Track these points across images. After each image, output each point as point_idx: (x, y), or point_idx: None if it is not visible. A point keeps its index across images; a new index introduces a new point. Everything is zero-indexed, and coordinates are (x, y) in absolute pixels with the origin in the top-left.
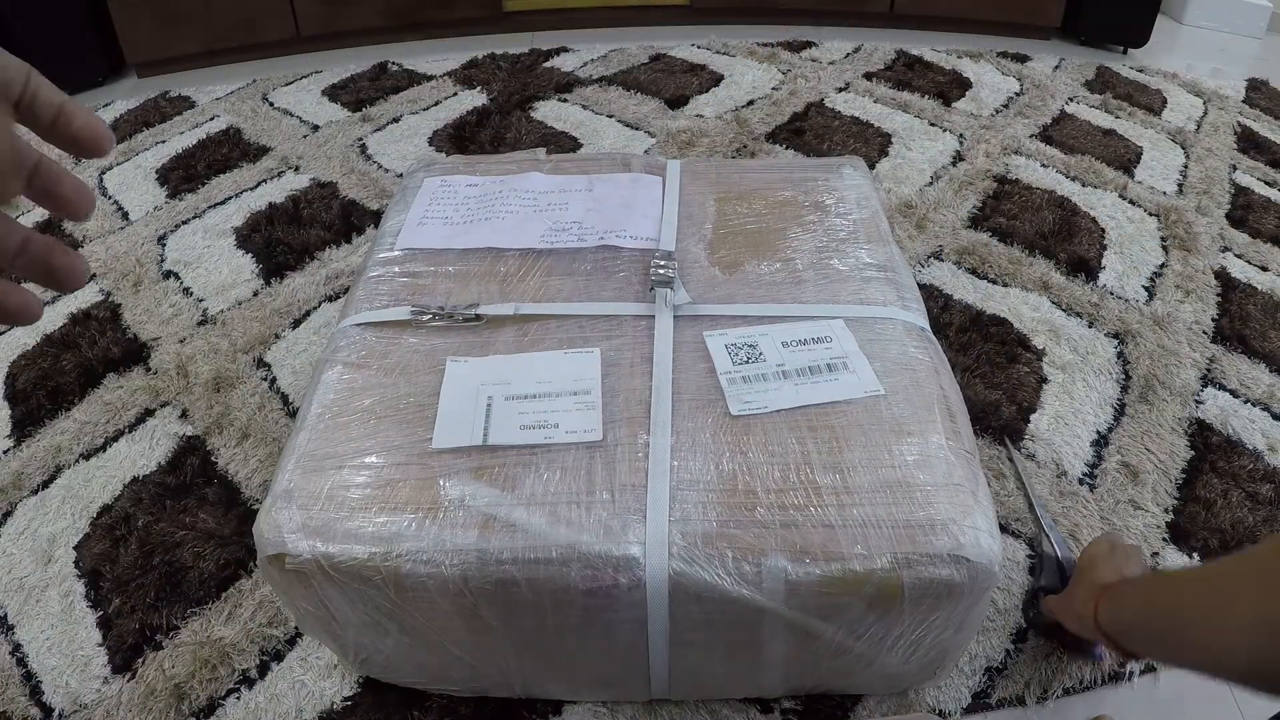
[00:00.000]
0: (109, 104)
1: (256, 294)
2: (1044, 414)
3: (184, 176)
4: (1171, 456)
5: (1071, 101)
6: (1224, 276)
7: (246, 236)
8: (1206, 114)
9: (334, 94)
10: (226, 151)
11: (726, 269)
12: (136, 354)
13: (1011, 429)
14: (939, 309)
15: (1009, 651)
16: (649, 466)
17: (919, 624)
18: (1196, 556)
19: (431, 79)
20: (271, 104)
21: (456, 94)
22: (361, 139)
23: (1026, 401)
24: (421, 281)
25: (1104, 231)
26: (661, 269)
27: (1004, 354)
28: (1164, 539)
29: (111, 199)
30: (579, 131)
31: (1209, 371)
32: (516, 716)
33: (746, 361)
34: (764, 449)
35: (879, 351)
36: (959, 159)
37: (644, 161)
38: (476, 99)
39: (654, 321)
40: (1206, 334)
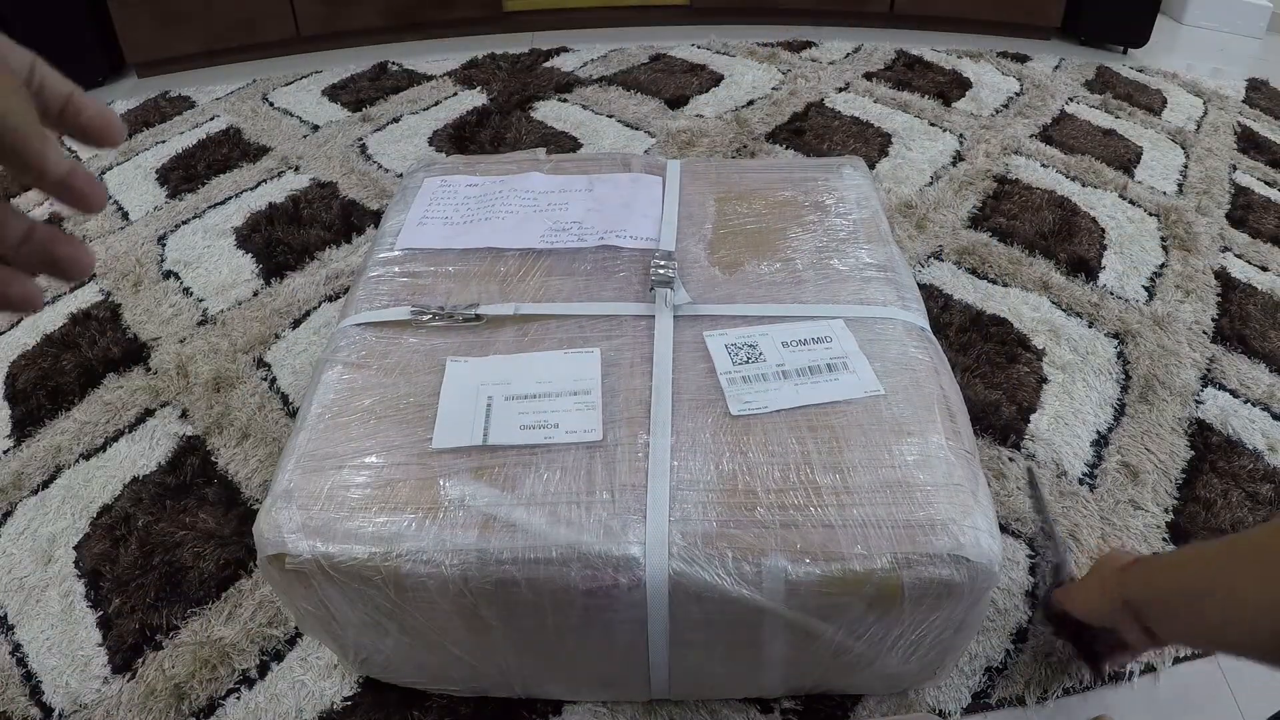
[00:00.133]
0: (109, 104)
1: (256, 294)
2: (1044, 414)
3: (184, 176)
4: (1171, 456)
5: (1071, 101)
6: (1224, 276)
7: (246, 236)
8: (1206, 114)
9: (334, 94)
10: (226, 151)
11: (726, 269)
12: (136, 354)
13: (1011, 429)
14: (939, 309)
15: (1009, 651)
16: (649, 466)
17: (919, 624)
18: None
19: (431, 79)
20: (271, 104)
21: (456, 94)
22: (361, 139)
23: (1026, 401)
24: (421, 281)
25: (1104, 231)
26: (661, 269)
27: (1004, 354)
28: (1164, 539)
29: (111, 199)
30: (579, 131)
31: (1209, 371)
32: (516, 716)
33: (746, 361)
34: (764, 449)
35: (879, 351)
36: (959, 159)
37: (644, 161)
38: (476, 99)
39: (654, 321)
40: (1206, 334)
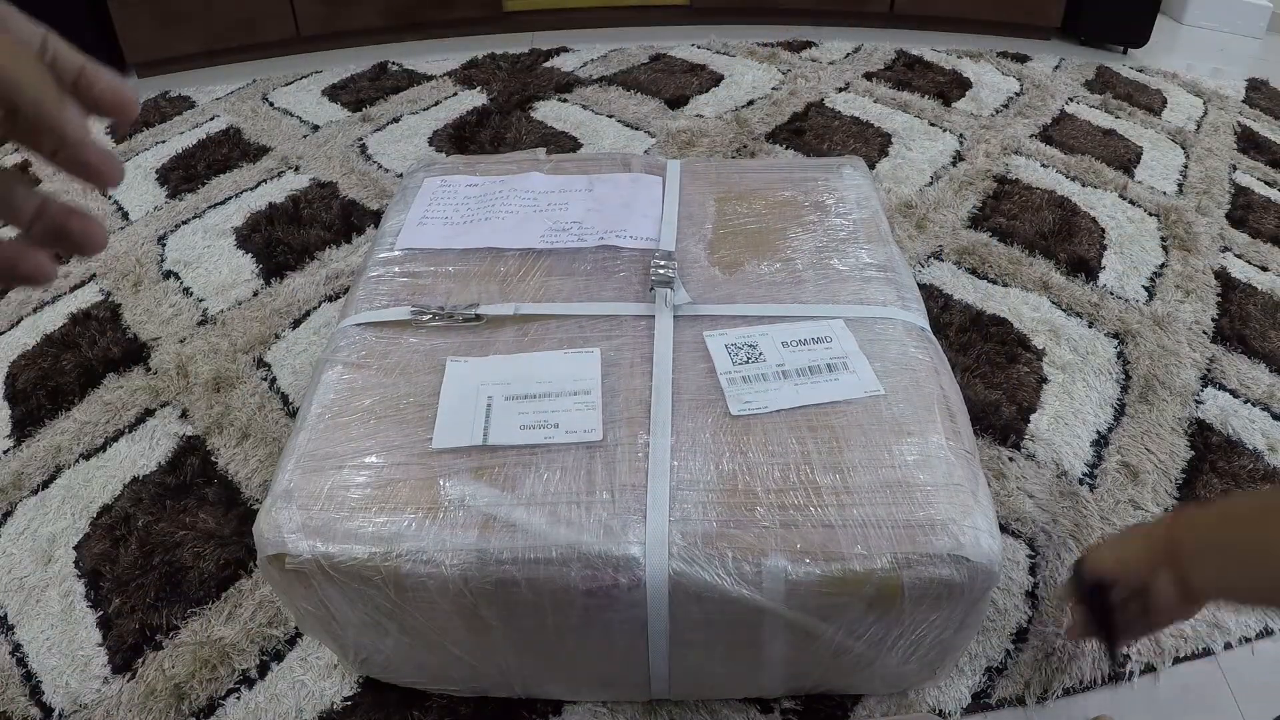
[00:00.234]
0: None
1: (256, 294)
2: (1044, 414)
3: (184, 176)
4: (1171, 456)
5: (1071, 101)
6: (1224, 276)
7: (246, 236)
8: (1206, 114)
9: (334, 94)
10: (226, 151)
11: (726, 269)
12: (136, 354)
13: (1011, 429)
14: (939, 309)
15: (1009, 651)
16: (649, 466)
17: (919, 624)
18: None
19: (431, 79)
20: (271, 104)
21: (456, 94)
22: (361, 139)
23: (1026, 401)
24: (421, 281)
25: (1104, 231)
26: (661, 269)
27: (1004, 354)
28: None
29: (111, 199)
30: (579, 131)
31: (1209, 371)
32: (516, 716)
33: (746, 361)
34: (764, 449)
35: (879, 351)
36: (959, 159)
37: (644, 161)
38: (476, 99)
39: (654, 321)
40: (1206, 334)
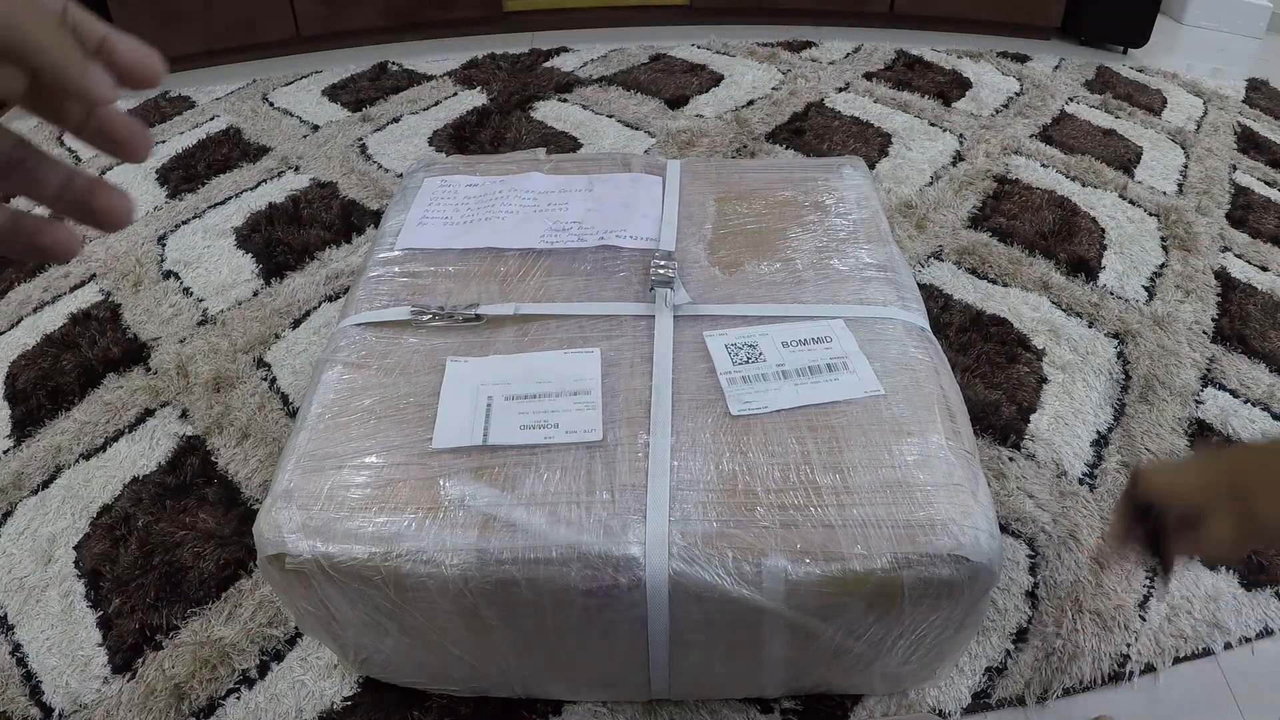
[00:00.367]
0: None
1: (256, 294)
2: (1044, 414)
3: (184, 176)
4: (1172, 457)
5: (1071, 101)
6: (1224, 276)
7: (246, 236)
8: (1206, 114)
9: (334, 94)
10: (226, 151)
11: (726, 269)
12: (136, 354)
13: (1011, 429)
14: (939, 309)
15: (1009, 651)
16: (649, 466)
17: (919, 624)
18: (1196, 557)
19: (431, 79)
20: (271, 104)
21: (456, 94)
22: (361, 139)
23: (1026, 401)
24: (421, 281)
25: (1104, 231)
26: (661, 269)
27: (1004, 354)
28: None
29: None
30: (579, 131)
31: (1209, 371)
32: (516, 716)
33: (746, 361)
34: (764, 449)
35: (879, 351)
36: (959, 159)
37: (644, 161)
38: (476, 99)
39: (654, 321)
40: (1206, 334)
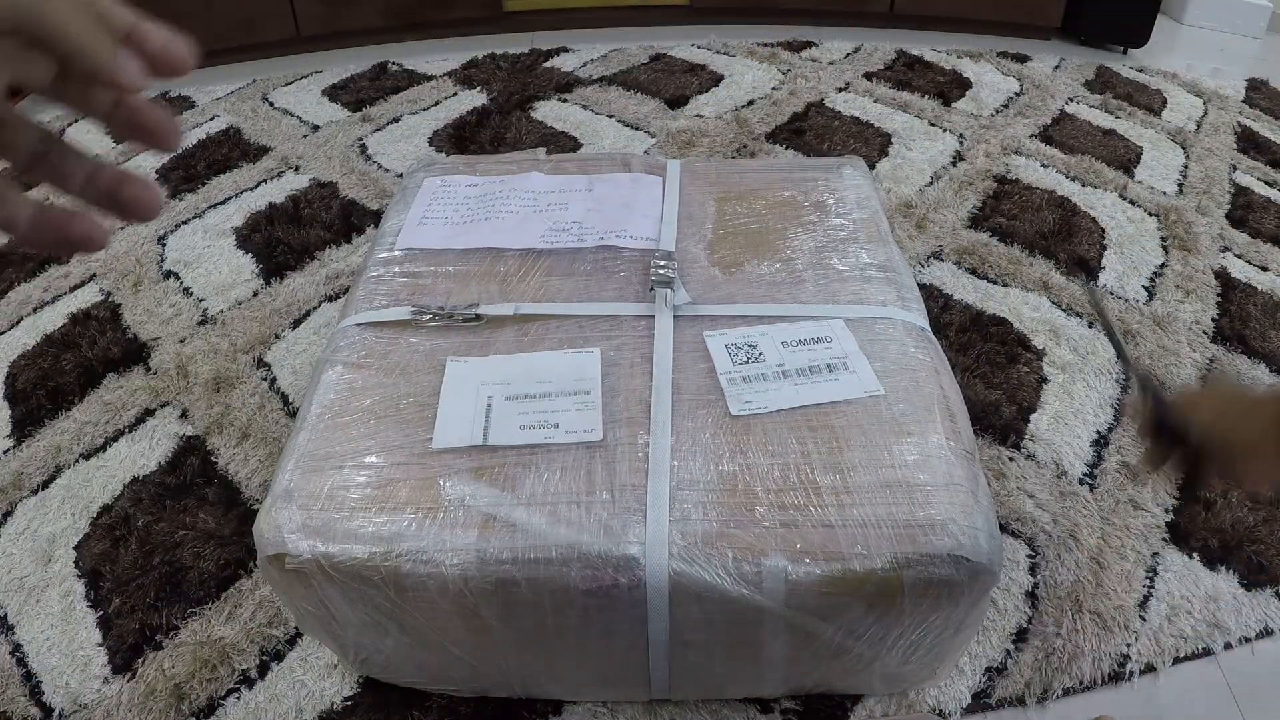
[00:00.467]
0: None
1: (256, 294)
2: (1044, 414)
3: (184, 176)
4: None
5: (1071, 101)
6: (1224, 276)
7: (246, 236)
8: (1206, 114)
9: (334, 94)
10: (226, 151)
11: (726, 269)
12: (136, 354)
13: (1011, 429)
14: (939, 309)
15: (1009, 651)
16: (649, 466)
17: (919, 624)
18: (1196, 557)
19: (431, 79)
20: (271, 104)
21: (456, 94)
22: (361, 139)
23: (1026, 401)
24: (421, 281)
25: (1104, 231)
26: (661, 269)
27: (1004, 354)
28: (1164, 539)
29: None
30: (579, 131)
31: (1209, 371)
32: (516, 716)
33: (746, 361)
34: (764, 449)
35: (879, 351)
36: (959, 159)
37: (644, 161)
38: (476, 99)
39: (654, 321)
40: (1206, 334)
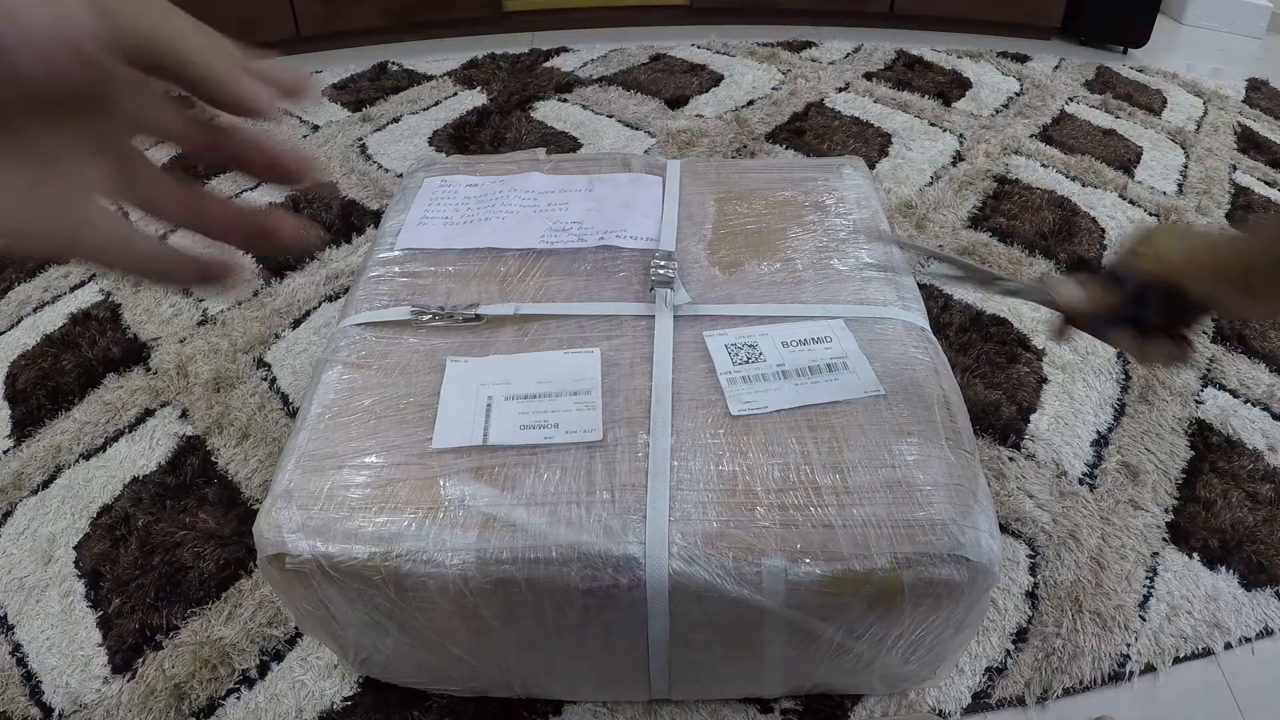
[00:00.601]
0: None
1: (256, 294)
2: (1044, 414)
3: (184, 176)
4: (1171, 456)
5: (1071, 101)
6: None
7: None
8: (1206, 114)
9: (334, 94)
10: None
11: (726, 269)
12: (136, 354)
13: (1011, 429)
14: (939, 309)
15: (1009, 651)
16: (649, 466)
17: (919, 624)
18: (1197, 557)
19: (431, 79)
20: None
21: (456, 94)
22: (361, 139)
23: (1026, 401)
24: (421, 281)
25: (1104, 231)
26: (661, 269)
27: (1004, 354)
28: (1164, 539)
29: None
30: (579, 131)
31: (1209, 371)
32: (516, 716)
33: (746, 361)
34: (764, 449)
35: (879, 351)
36: (959, 159)
37: (644, 161)
38: (476, 99)
39: (654, 321)
40: (1206, 334)
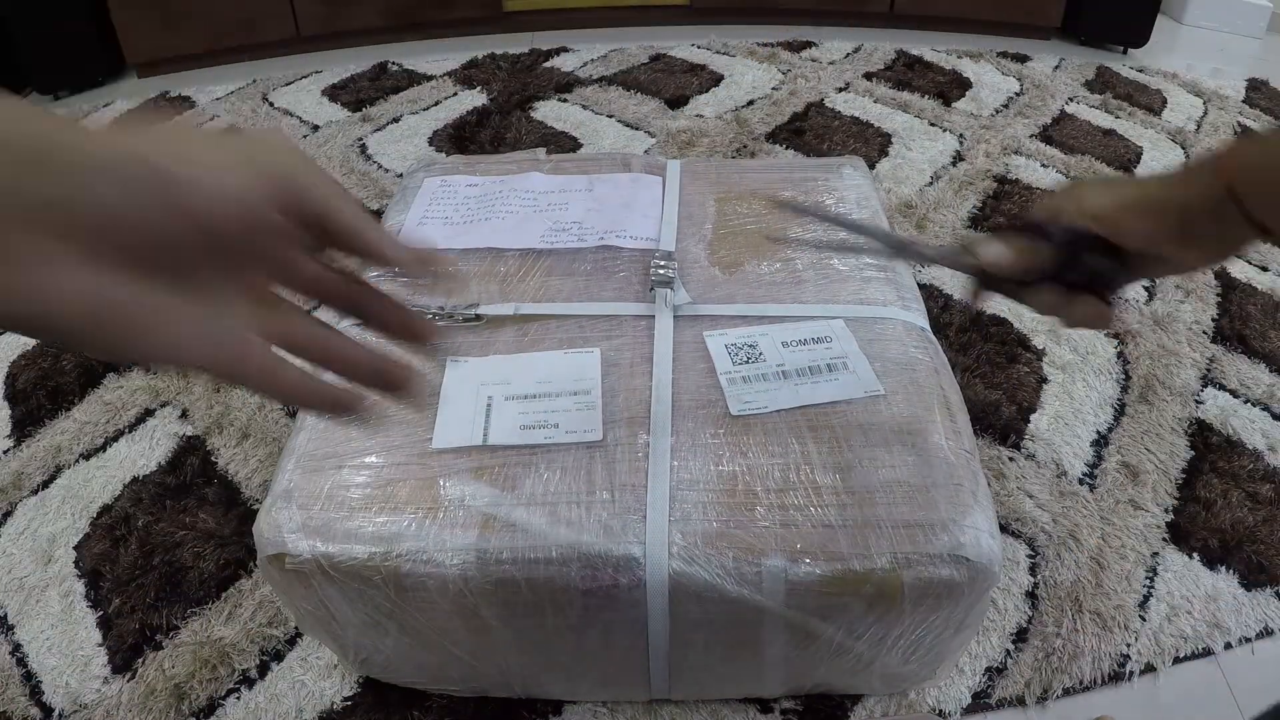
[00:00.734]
0: (109, 104)
1: None
2: (1044, 414)
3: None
4: (1171, 456)
5: (1071, 101)
6: (1224, 276)
7: None
8: (1206, 114)
9: (334, 94)
10: None
11: (726, 269)
12: None
13: (1011, 429)
14: (939, 309)
15: (1009, 651)
16: (649, 466)
17: (919, 624)
18: (1197, 557)
19: (431, 79)
20: (271, 104)
21: (456, 94)
22: (361, 139)
23: (1026, 401)
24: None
25: None
26: (661, 269)
27: (1004, 354)
28: (1164, 539)
29: None
30: (579, 131)
31: (1209, 371)
32: (516, 716)
33: (746, 361)
34: (764, 449)
35: (879, 351)
36: (959, 159)
37: (644, 161)
38: (476, 99)
39: (654, 321)
40: (1206, 334)
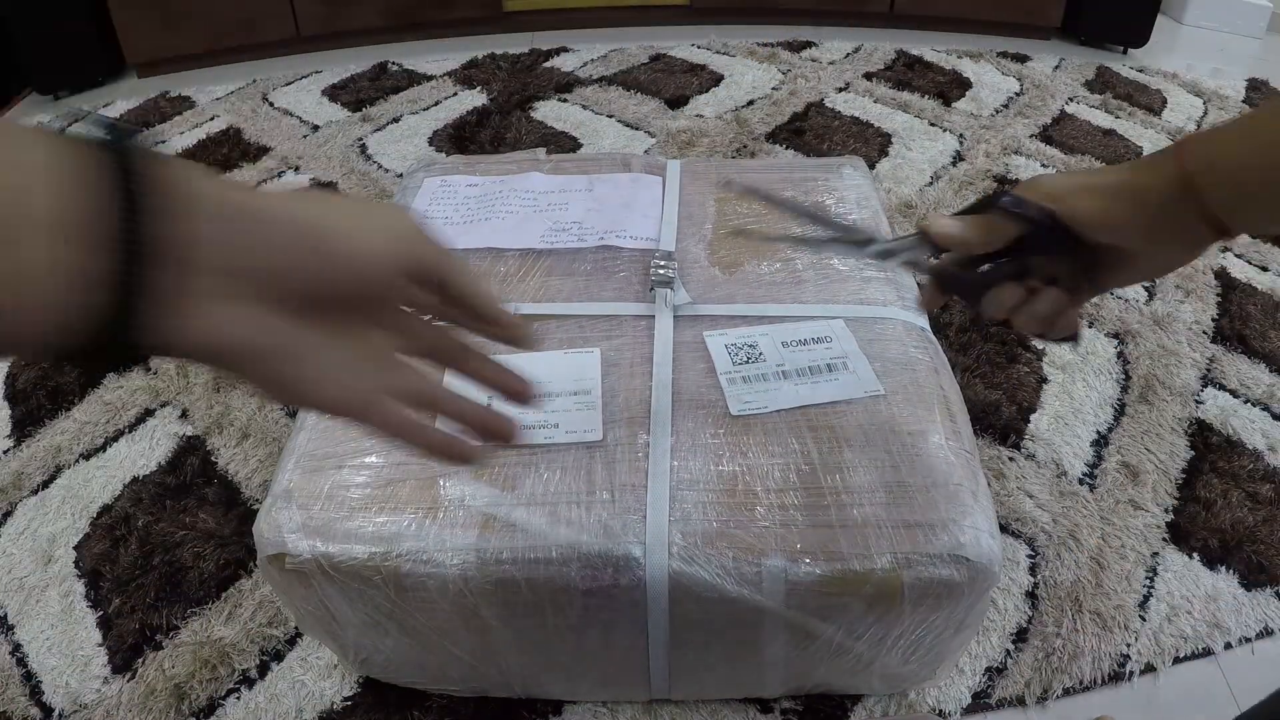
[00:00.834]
0: (109, 104)
1: None
2: (1044, 414)
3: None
4: (1171, 456)
5: (1071, 101)
6: (1224, 276)
7: None
8: (1206, 114)
9: (334, 94)
10: (226, 151)
11: (726, 269)
12: None
13: (1011, 429)
14: (939, 309)
15: (1009, 651)
16: (649, 466)
17: (919, 624)
18: (1197, 557)
19: (431, 79)
20: (271, 104)
21: (456, 94)
22: (361, 139)
23: (1026, 401)
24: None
25: None
26: (661, 269)
27: (1004, 354)
28: (1164, 539)
29: None
30: (579, 131)
31: (1209, 371)
32: (516, 716)
33: (746, 361)
34: (764, 449)
35: (879, 351)
36: (959, 159)
37: (644, 161)
38: (476, 99)
39: (654, 321)
40: (1206, 334)
